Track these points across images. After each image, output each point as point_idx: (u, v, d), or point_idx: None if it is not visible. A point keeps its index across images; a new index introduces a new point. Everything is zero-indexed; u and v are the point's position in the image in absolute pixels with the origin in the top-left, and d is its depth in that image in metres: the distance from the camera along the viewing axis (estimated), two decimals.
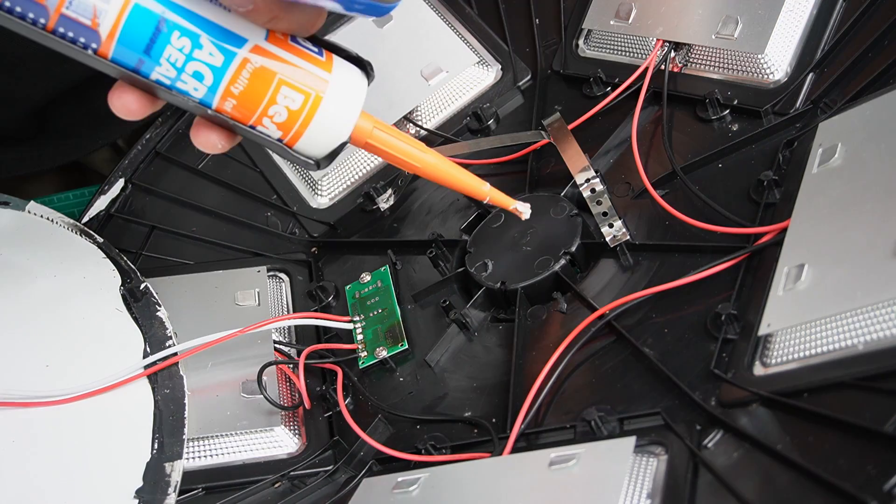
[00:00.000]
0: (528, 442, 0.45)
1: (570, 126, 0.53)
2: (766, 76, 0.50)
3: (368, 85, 0.43)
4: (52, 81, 0.71)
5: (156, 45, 0.40)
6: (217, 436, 0.52)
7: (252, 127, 0.42)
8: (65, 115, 0.74)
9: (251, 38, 0.41)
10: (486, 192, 0.47)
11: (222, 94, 0.41)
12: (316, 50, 0.42)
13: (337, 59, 0.43)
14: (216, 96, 0.41)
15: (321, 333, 0.56)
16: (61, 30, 0.39)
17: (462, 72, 0.61)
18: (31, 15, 0.38)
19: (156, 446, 0.51)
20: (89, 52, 0.39)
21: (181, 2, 0.39)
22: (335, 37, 0.63)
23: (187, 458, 0.51)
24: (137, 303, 0.56)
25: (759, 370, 0.40)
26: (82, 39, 0.39)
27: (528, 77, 0.60)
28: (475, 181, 0.47)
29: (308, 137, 0.42)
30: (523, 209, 0.48)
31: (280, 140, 0.42)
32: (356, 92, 0.43)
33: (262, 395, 0.51)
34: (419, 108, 0.60)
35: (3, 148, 0.75)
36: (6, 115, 0.72)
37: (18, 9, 0.38)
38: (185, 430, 0.52)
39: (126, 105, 0.42)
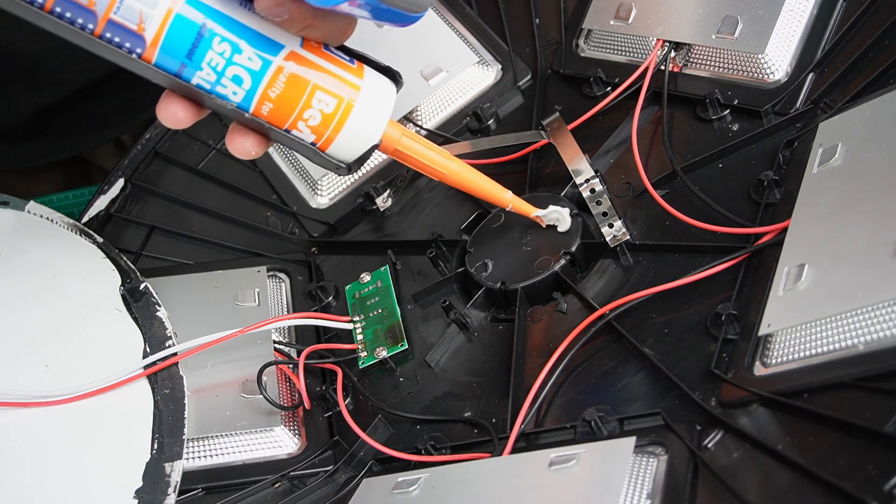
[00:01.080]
0: (529, 442, 0.45)
1: (570, 126, 0.53)
2: (766, 76, 0.50)
3: (397, 92, 0.45)
4: (64, 84, 0.71)
5: (198, 50, 0.41)
6: (217, 436, 0.52)
7: (287, 131, 0.43)
8: (70, 116, 0.75)
9: (288, 45, 0.42)
10: (509, 199, 0.50)
11: (259, 99, 0.42)
12: (347, 58, 0.44)
13: (367, 68, 0.44)
14: (254, 100, 0.42)
15: (321, 333, 0.56)
16: (108, 35, 0.40)
17: (462, 72, 0.60)
18: (79, 21, 0.39)
19: (155, 446, 0.51)
20: (134, 56, 0.40)
21: (222, 9, 0.41)
22: None
23: (187, 459, 0.51)
24: (137, 303, 0.56)
25: (759, 370, 0.40)
26: (128, 44, 0.40)
27: (528, 77, 0.60)
28: (498, 189, 0.50)
29: (340, 141, 0.44)
30: (544, 216, 0.50)
31: (313, 144, 0.44)
32: (386, 97, 0.44)
33: (261, 396, 0.51)
34: (419, 108, 0.60)
35: (5, 143, 0.75)
36: (13, 113, 0.72)
37: (68, 14, 0.39)
38: (185, 430, 0.51)
39: (173, 114, 0.43)
